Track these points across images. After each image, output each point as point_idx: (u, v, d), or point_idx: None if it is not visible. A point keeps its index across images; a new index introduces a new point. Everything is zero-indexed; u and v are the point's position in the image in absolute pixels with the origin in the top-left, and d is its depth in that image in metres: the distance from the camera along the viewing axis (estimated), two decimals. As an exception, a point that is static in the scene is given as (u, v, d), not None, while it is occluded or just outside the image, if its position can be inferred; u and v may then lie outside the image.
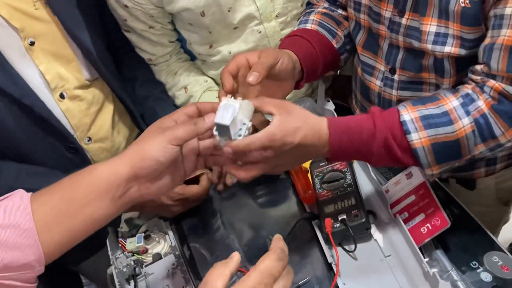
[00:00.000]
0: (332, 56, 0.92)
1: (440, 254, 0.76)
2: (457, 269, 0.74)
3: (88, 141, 0.94)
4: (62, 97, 0.90)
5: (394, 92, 0.89)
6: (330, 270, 0.77)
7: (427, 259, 0.75)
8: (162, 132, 0.62)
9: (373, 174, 0.88)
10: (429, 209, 0.77)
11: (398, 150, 0.69)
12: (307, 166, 0.92)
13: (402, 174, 0.84)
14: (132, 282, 0.83)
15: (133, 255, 0.86)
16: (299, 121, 0.67)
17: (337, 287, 0.73)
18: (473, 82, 0.72)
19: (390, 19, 0.81)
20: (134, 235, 0.88)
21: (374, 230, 0.81)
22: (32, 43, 0.84)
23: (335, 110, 1.00)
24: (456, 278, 0.72)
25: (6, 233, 0.54)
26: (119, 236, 0.91)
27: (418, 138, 0.68)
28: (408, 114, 0.69)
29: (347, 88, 1.15)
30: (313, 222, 0.83)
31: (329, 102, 1.03)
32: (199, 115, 0.67)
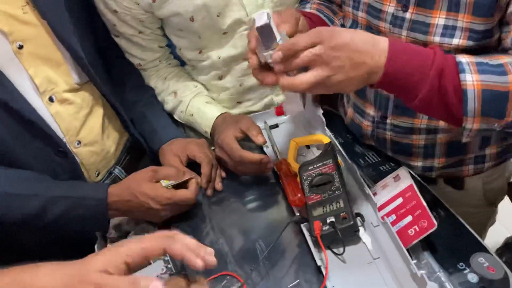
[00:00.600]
0: None
1: (427, 256, 0.77)
2: (444, 270, 0.75)
3: (77, 144, 0.94)
4: (51, 100, 0.89)
5: None
6: (319, 273, 0.77)
7: (415, 261, 0.75)
8: None
9: (360, 177, 0.88)
10: (416, 211, 0.78)
11: (451, 85, 0.66)
12: (296, 169, 0.92)
13: (389, 177, 0.85)
14: None
15: (121, 261, 0.85)
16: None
17: (326, 289, 0.74)
18: None
19: (393, 14, 0.81)
20: (122, 241, 0.88)
21: (363, 233, 0.82)
22: (20, 47, 0.84)
23: (323, 115, 1.01)
24: (443, 279, 0.73)
25: None
26: (108, 242, 0.90)
27: (471, 80, 0.66)
28: (464, 58, 0.68)
29: (334, 94, 1.16)
30: (302, 225, 0.84)
31: (317, 107, 1.04)
32: None
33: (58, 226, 0.86)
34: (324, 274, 0.75)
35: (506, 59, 0.69)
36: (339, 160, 0.92)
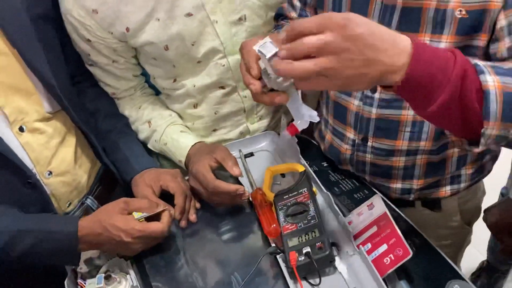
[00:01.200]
0: None
1: (403, 285, 0.77)
2: (420, 299, 0.75)
3: (48, 175, 0.92)
4: (21, 130, 0.88)
5: (374, 110, 0.90)
6: (295, 305, 0.76)
7: (391, 290, 0.75)
8: None
9: (335, 206, 0.88)
10: (391, 239, 0.78)
11: (473, 87, 0.60)
12: (271, 199, 0.92)
13: (364, 205, 0.85)
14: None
15: (93, 297, 0.82)
16: None
17: (302, 322, 0.72)
18: None
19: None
20: (94, 276, 0.84)
21: (339, 262, 0.81)
22: (-10, 77, 0.83)
23: (298, 144, 1.01)
24: (420, 308, 0.73)
25: None
26: (79, 277, 0.87)
27: (492, 81, 0.60)
28: (479, 61, 0.63)
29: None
30: (277, 256, 0.83)
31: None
32: None
33: (26, 260, 0.83)
34: (300, 306, 0.74)
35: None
36: (314, 188, 0.92)
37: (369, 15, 0.82)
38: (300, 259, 0.78)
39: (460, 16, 0.73)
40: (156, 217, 0.89)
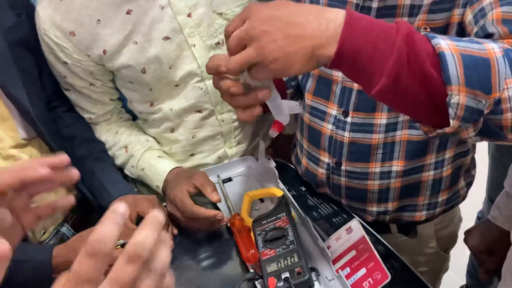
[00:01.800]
0: (280, 86, 0.93)
1: (383, 309, 0.77)
2: (399, 323, 0.74)
3: None
4: (-5, 157, 0.86)
5: (346, 134, 0.91)
6: (274, 332, 0.75)
7: (371, 315, 0.75)
8: None
9: (314, 230, 0.88)
10: (369, 263, 0.78)
11: (423, 50, 0.55)
12: (250, 224, 0.91)
13: (342, 229, 0.85)
14: None
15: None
16: None
17: None
18: None
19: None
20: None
21: (318, 287, 0.81)
22: (-38, 103, 0.81)
23: (276, 168, 1.01)
24: (399, 333, 0.72)
25: None
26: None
27: (445, 43, 0.55)
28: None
29: (287, 146, 1.18)
30: (256, 283, 0.82)
31: (269, 160, 1.05)
32: None
33: (-1, 290, 0.80)
34: (279, 333, 0.73)
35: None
36: (293, 213, 0.92)
37: None
38: (279, 285, 0.77)
39: (425, 32, 0.74)
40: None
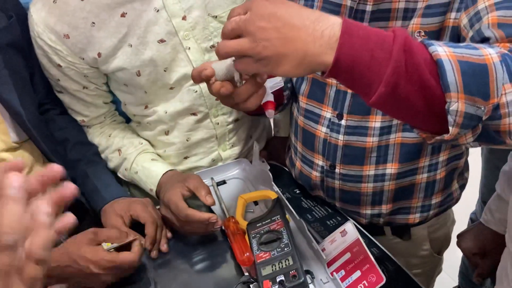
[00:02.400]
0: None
1: (377, 311, 0.77)
2: (394, 326, 0.74)
3: None
4: (-15, 161, 0.85)
5: (341, 137, 0.91)
6: (269, 335, 0.75)
7: (366, 318, 0.75)
8: None
9: (309, 233, 0.88)
10: (364, 266, 0.78)
11: (421, 59, 0.55)
12: (244, 227, 0.91)
13: (337, 231, 0.85)
14: None
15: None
16: None
17: None
18: None
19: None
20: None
21: (313, 291, 0.81)
22: (-47, 106, 0.80)
23: (270, 171, 1.01)
24: (394, 335, 0.72)
25: None
26: (44, 312, 0.84)
27: (443, 50, 0.55)
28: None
29: (282, 149, 1.18)
30: (251, 286, 0.81)
31: (263, 162, 1.05)
32: None
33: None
34: (275, 337, 0.72)
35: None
36: (287, 215, 0.92)
37: None
38: (274, 288, 0.77)
39: (419, 37, 0.75)
40: (126, 247, 0.87)
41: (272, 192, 1.00)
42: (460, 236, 1.05)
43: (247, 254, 0.84)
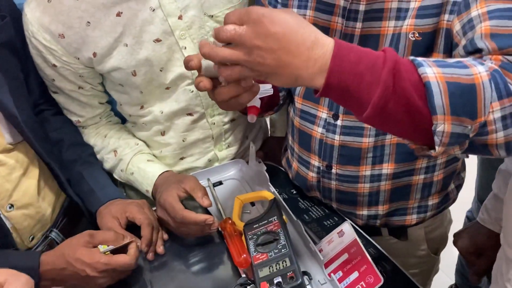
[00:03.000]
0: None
1: (375, 312, 0.77)
2: (392, 326, 0.74)
3: (10, 208, 0.88)
4: (-20, 162, 0.84)
5: (337, 137, 0.91)
6: (267, 337, 0.74)
7: (363, 319, 0.74)
8: None
9: (306, 234, 0.88)
10: (362, 266, 0.78)
11: (408, 82, 0.56)
12: (241, 228, 0.90)
13: (334, 232, 0.85)
14: None
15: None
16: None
17: None
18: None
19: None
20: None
21: (310, 292, 0.80)
22: None
23: (267, 171, 1.01)
24: (392, 336, 0.72)
25: None
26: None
27: (432, 72, 0.56)
28: (418, 58, 0.60)
29: (278, 149, 1.18)
30: (248, 287, 0.81)
31: (260, 163, 1.04)
32: None
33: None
34: (272, 339, 0.72)
35: (465, 58, 0.64)
36: (284, 216, 0.92)
37: None
38: (271, 290, 0.76)
39: (414, 39, 0.76)
40: (122, 249, 0.87)
41: (268, 192, 1.00)
42: (456, 235, 1.05)
43: (244, 256, 0.84)
